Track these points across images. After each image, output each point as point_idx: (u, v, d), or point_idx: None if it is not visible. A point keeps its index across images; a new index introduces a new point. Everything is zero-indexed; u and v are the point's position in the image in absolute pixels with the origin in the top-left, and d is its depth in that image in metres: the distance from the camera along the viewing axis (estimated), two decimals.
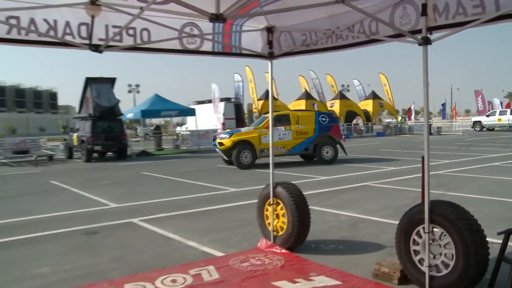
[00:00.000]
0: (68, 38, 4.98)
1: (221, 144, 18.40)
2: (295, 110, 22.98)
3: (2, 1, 4.44)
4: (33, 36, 4.84)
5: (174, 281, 5.49)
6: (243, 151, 17.98)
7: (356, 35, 5.59)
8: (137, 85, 66.74)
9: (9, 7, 4.48)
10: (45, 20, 4.82)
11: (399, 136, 41.95)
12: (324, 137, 19.17)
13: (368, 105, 49.17)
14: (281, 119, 18.85)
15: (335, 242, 7.08)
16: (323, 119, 19.60)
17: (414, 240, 4.95)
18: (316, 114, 19.76)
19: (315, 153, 19.03)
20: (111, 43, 5.27)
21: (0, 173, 20.60)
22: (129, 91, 66.28)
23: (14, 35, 4.71)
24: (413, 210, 5.02)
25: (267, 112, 20.07)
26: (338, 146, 19.51)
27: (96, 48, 5.09)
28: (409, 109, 58.40)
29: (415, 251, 4.95)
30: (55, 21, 4.87)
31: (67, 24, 4.93)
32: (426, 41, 4.60)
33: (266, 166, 17.32)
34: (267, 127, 17.18)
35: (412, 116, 55.35)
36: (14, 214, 10.40)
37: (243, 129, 19.39)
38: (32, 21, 4.74)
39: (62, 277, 5.97)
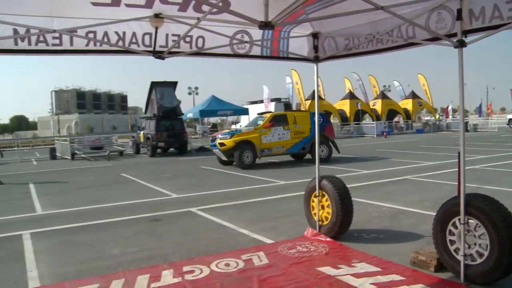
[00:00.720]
0: (134, 46, 5.09)
1: (222, 144, 16.93)
2: (291, 111, 21.15)
3: (84, 20, 4.64)
4: (105, 47, 4.99)
5: (227, 265, 5.52)
6: (245, 151, 16.76)
7: (395, 39, 5.46)
8: (196, 88, 67.42)
9: (90, 24, 4.67)
10: (116, 33, 4.97)
11: (437, 133, 40.73)
12: (323, 136, 17.73)
13: (408, 104, 48.05)
14: (279, 120, 17.77)
15: (376, 232, 6.94)
16: (319, 118, 18.45)
17: (450, 230, 4.83)
18: (311, 115, 18.48)
19: (311, 151, 17.90)
20: (172, 50, 5.34)
21: (80, 166, 21.33)
22: (189, 93, 67.04)
23: (91, 46, 4.89)
24: (449, 203, 4.89)
25: (265, 112, 19.88)
26: (331, 144, 18.55)
27: (159, 55, 5.18)
28: (447, 107, 56.73)
29: (451, 241, 4.83)
30: (124, 33, 5.01)
31: (134, 35, 5.06)
32: (461, 44, 4.52)
33: (308, 161, 17.22)
34: (267, 127, 17.10)
35: (450, 114, 53.71)
36: (91, 202, 10.74)
37: (244, 129, 17.96)
38: (105, 34, 4.91)
39: (130, 258, 6.11)
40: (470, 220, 4.62)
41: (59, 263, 6.07)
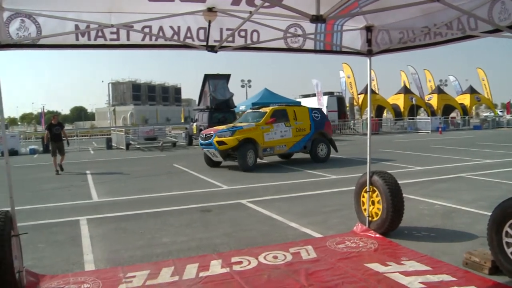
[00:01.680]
0: (189, 41, 5.20)
1: (221, 143, 14.37)
2: (290, 106, 18.54)
3: (140, 14, 4.77)
4: (161, 41, 5.12)
5: (275, 257, 5.56)
6: (248, 151, 14.53)
7: (453, 31, 5.25)
8: (249, 80, 67.62)
9: (146, 18, 4.79)
10: (171, 27, 5.09)
11: (497, 130, 39.13)
12: (318, 134, 16.63)
13: (465, 99, 46.33)
14: (280, 115, 15.82)
15: (427, 230, 6.78)
16: (316, 115, 16.96)
17: (507, 232, 4.62)
18: (309, 110, 16.98)
19: (311, 151, 16.41)
20: (225, 44, 5.41)
21: (134, 156, 21.96)
22: (242, 86, 67.35)
23: (147, 41, 5.03)
24: (506, 203, 4.68)
25: (262, 106, 17.51)
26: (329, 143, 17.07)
27: (211, 49, 5.26)
28: (508, 102, 54.16)
29: (507, 243, 4.62)
30: (179, 27, 5.12)
31: (188, 29, 5.15)
32: None
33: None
34: (269, 123, 15.23)
35: (511, 110, 51.36)
36: (144, 191, 11.05)
37: (245, 125, 15.17)
38: (160, 28, 5.03)
39: (180, 247, 6.26)
40: None
41: (113, 249, 6.30)
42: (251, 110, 17.44)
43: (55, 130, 15.51)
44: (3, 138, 5.13)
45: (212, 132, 15.01)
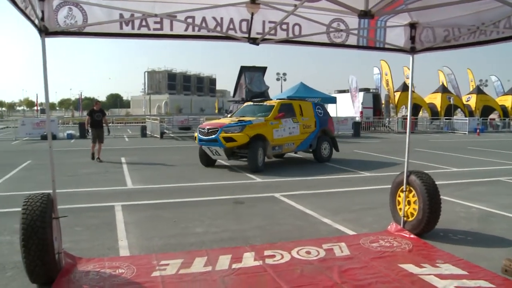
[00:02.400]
0: (231, 32, 5.21)
1: (229, 140, 12.53)
2: (295, 100, 16.54)
3: (184, 5, 4.80)
4: (203, 32, 5.15)
5: (308, 252, 5.55)
6: (259, 149, 12.87)
7: (502, 30, 5.10)
8: (284, 74, 67.52)
9: (188, 8, 4.81)
10: (214, 18, 5.10)
11: None
12: (322, 131, 15.36)
13: (507, 101, 45.03)
14: (287, 110, 14.32)
15: (463, 233, 6.63)
16: (319, 111, 15.70)
17: None
18: (313, 105, 15.79)
19: (316, 151, 15.17)
20: (267, 37, 5.40)
21: (168, 145, 22.26)
22: (277, 79, 67.33)
23: (190, 31, 5.07)
24: None
25: (261, 100, 16.13)
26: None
27: (253, 41, 5.26)
28: None
29: None
30: (221, 19, 5.13)
31: (231, 20, 5.17)
32: None
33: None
34: (278, 118, 13.61)
35: None
36: (177, 180, 11.20)
37: (254, 120, 13.24)
38: (203, 19, 5.06)
39: (212, 238, 6.32)
40: None
41: (147, 236, 6.40)
42: (251, 103, 15.73)
43: (96, 116, 15.30)
44: (47, 123, 5.27)
45: (217, 127, 12.90)
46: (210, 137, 12.89)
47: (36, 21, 4.44)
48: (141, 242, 6.14)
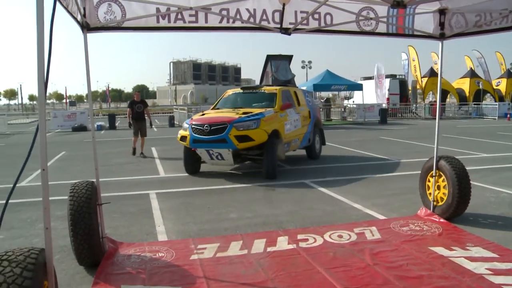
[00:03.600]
0: (264, 23, 5.35)
1: (244, 138, 9.61)
2: (288, 86, 14.97)
3: None
4: (238, 23, 5.31)
5: (340, 236, 5.70)
6: (277, 149, 10.11)
7: None
8: (310, 62, 67.25)
9: (222, 1, 4.99)
10: (247, 10, 5.25)
11: None
12: (315, 122, 13.12)
13: None
14: (286, 98, 11.82)
15: (494, 218, 6.66)
16: (308, 98, 13.70)
17: None
18: (304, 92, 13.97)
19: (310, 147, 12.89)
20: (299, 27, 5.53)
21: None
22: (302, 67, 67.11)
23: (224, 23, 5.24)
24: None
25: (253, 87, 12.79)
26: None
27: (285, 31, 5.40)
28: None
29: None
30: (254, 10, 5.28)
31: (264, 11, 5.31)
32: None
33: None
34: (283, 109, 11.02)
35: None
36: (208, 167, 11.38)
37: (265, 112, 10.31)
38: (237, 11, 5.21)
39: (246, 222, 6.52)
40: None
41: (182, 222, 6.64)
42: (240, 91, 12.42)
43: (137, 108, 14.23)
44: (90, 116, 5.53)
45: (224, 122, 9.73)
46: (214, 136, 9.65)
47: (79, 17, 4.66)
48: (178, 227, 6.38)
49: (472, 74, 42.21)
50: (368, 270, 4.60)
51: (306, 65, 66.95)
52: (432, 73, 38.93)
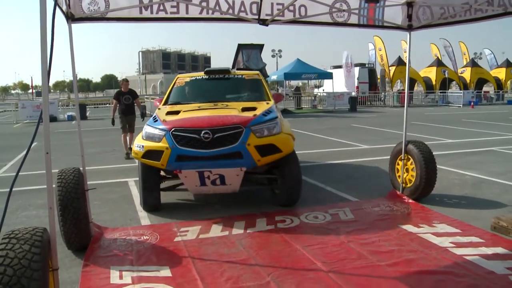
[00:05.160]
0: (242, 14, 5.59)
1: (269, 150, 6.15)
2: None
3: None
4: (217, 15, 5.52)
5: (316, 217, 6.04)
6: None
7: (494, 8, 5.47)
8: (280, 50, 67.44)
9: None
10: (226, 1, 5.48)
11: None
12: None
13: (500, 73, 45.33)
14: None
15: (457, 198, 7.12)
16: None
17: None
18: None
19: None
20: (275, 18, 5.78)
21: None
22: (273, 56, 67.19)
23: (204, 14, 5.45)
24: None
25: (219, 70, 8.68)
26: None
27: (263, 22, 5.64)
28: None
29: None
30: (233, 1, 5.51)
31: (242, 3, 5.54)
32: None
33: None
34: (277, 102, 7.97)
35: None
36: None
37: (272, 108, 7.00)
38: (217, 2, 5.43)
39: (225, 206, 6.78)
40: None
41: (164, 207, 6.81)
42: (202, 76, 8.49)
43: (124, 99, 11.88)
44: (76, 105, 5.67)
45: (237, 124, 6.14)
46: (222, 149, 6.02)
47: (64, 7, 4.79)
48: (159, 212, 6.58)
49: (438, 63, 43.24)
50: (343, 246, 4.95)
51: (277, 54, 67.09)
52: (400, 62, 39.75)
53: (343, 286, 3.96)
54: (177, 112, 6.79)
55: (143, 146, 6.30)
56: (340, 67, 37.40)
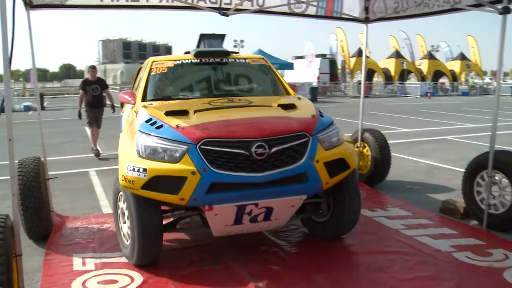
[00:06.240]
0: (201, 3, 5.67)
1: (339, 167, 4.27)
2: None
3: None
4: (176, 3, 5.59)
5: None
6: None
7: (441, 4, 5.78)
8: (242, 41, 67.28)
9: None
10: None
11: (484, 97, 39.76)
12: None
13: (455, 66, 46.77)
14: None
15: (411, 183, 7.49)
16: None
17: (478, 182, 5.34)
18: None
19: None
20: (234, 7, 5.89)
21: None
22: (235, 46, 66.86)
23: (164, 2, 5.51)
24: (480, 157, 5.37)
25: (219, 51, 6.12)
26: None
27: (224, 13, 5.74)
28: (497, 70, 54.26)
29: (478, 191, 5.34)
30: None
31: None
32: (506, 11, 4.72)
33: None
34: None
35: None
36: None
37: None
38: None
39: None
40: (497, 174, 5.11)
41: None
42: (191, 60, 5.55)
43: (92, 90, 10.39)
44: (36, 95, 5.63)
45: (302, 131, 4.14)
46: (280, 171, 3.91)
47: None
48: None
49: (397, 54, 44.24)
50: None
51: (238, 44, 66.92)
52: (360, 54, 40.33)
53: (287, 259, 4.16)
54: (184, 113, 4.38)
55: (145, 170, 3.84)
56: (301, 57, 37.75)
